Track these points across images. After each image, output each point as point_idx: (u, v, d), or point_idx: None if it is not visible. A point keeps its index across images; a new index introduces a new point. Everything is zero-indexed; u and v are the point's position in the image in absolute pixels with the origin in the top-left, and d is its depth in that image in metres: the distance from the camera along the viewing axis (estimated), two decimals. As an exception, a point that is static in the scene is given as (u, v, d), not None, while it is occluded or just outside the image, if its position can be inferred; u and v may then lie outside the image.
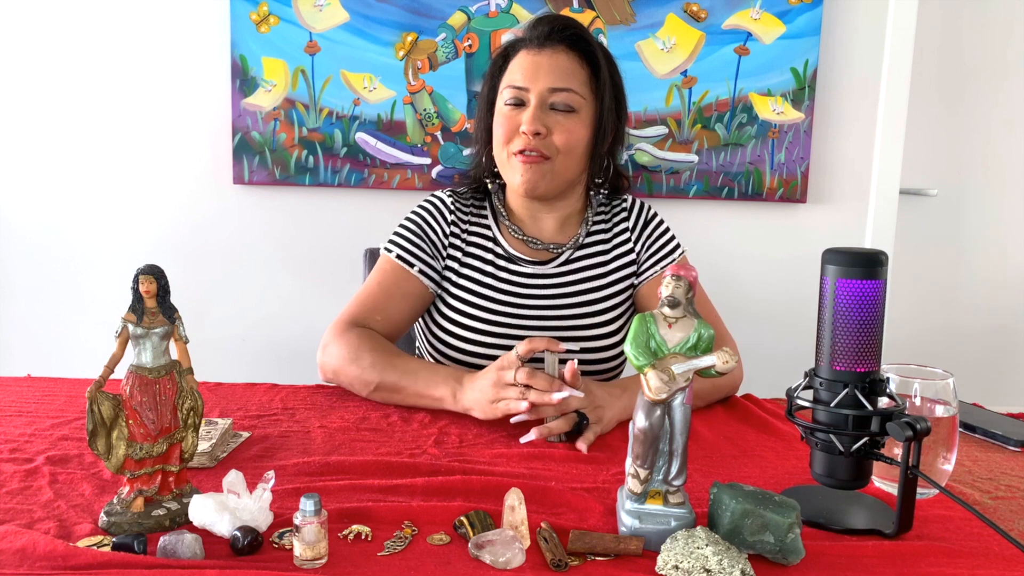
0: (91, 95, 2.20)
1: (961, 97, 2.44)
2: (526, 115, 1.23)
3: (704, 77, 2.23)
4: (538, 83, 1.24)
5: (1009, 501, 0.91)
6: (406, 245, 1.32)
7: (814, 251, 0.98)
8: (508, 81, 1.27)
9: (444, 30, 2.18)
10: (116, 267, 2.25)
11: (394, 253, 1.32)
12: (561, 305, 1.31)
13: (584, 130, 1.27)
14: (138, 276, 0.78)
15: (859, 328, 0.79)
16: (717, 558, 0.69)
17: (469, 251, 1.34)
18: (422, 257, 1.32)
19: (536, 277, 1.32)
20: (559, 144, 1.24)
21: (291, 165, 2.20)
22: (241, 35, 2.15)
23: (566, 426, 1.04)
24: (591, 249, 1.36)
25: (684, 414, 0.77)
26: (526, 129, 1.23)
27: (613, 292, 1.34)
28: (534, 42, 1.26)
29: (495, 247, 1.34)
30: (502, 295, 1.31)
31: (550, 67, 1.24)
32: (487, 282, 1.32)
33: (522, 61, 1.26)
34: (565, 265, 1.34)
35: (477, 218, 1.37)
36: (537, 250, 1.34)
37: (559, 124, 1.24)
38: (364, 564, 0.72)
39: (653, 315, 0.78)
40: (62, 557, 0.69)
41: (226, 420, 1.02)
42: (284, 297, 2.28)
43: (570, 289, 1.33)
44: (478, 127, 1.35)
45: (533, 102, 1.24)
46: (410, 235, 1.33)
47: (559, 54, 1.25)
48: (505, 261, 1.33)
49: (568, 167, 1.27)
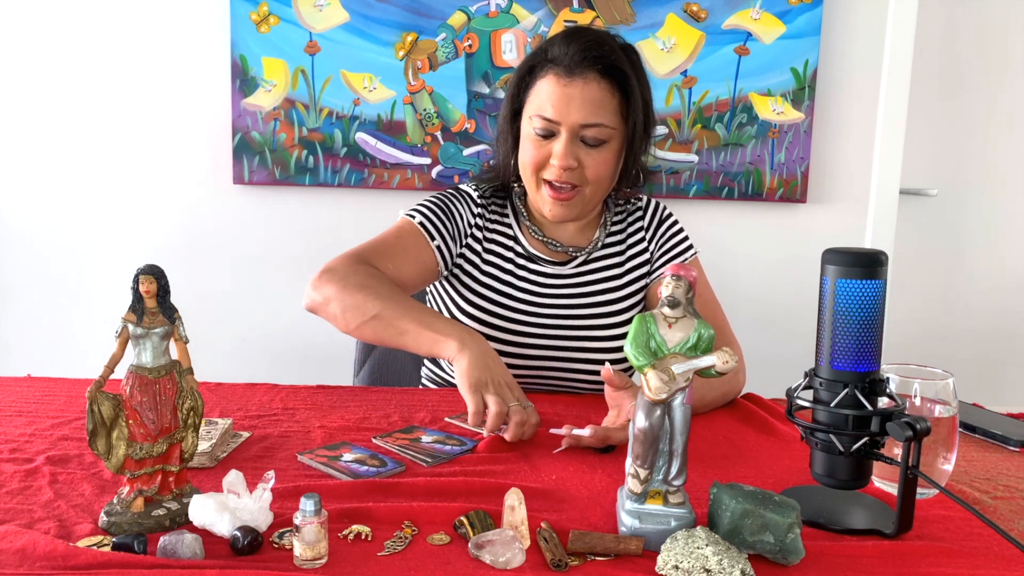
0: (91, 95, 2.20)
1: (961, 97, 2.44)
2: (557, 147, 1.23)
3: (704, 77, 2.23)
4: (569, 117, 1.22)
5: (1009, 501, 0.91)
6: (431, 217, 1.33)
7: (814, 251, 0.98)
8: (537, 108, 1.24)
9: (444, 30, 2.18)
10: (116, 267, 2.25)
11: (417, 219, 1.32)
12: (578, 305, 1.33)
13: (614, 159, 1.27)
14: (138, 276, 0.78)
15: (859, 328, 0.79)
16: (717, 558, 0.69)
17: (489, 247, 1.35)
18: (444, 235, 1.32)
19: (554, 277, 1.34)
20: (590, 176, 1.25)
21: (291, 165, 2.20)
22: (241, 35, 2.15)
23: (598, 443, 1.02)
24: (608, 250, 1.38)
25: (684, 414, 0.77)
26: (557, 164, 1.23)
27: (629, 292, 1.36)
28: (563, 67, 1.22)
29: (515, 246, 1.36)
30: (521, 293, 1.33)
31: (581, 100, 1.21)
32: (507, 279, 1.33)
33: (552, 90, 1.23)
34: (583, 266, 1.36)
35: (499, 215, 1.38)
36: (556, 251, 1.36)
37: (590, 157, 1.24)
38: (364, 564, 0.72)
39: (653, 315, 0.78)
40: (62, 557, 0.69)
41: (226, 420, 1.02)
42: (284, 297, 2.28)
43: (587, 289, 1.34)
44: (503, 135, 1.34)
45: (564, 136, 1.23)
46: (437, 211, 1.34)
47: (590, 84, 1.22)
48: (525, 260, 1.35)
49: (597, 194, 1.29)
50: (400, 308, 1.17)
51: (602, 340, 1.33)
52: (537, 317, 1.32)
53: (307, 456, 0.96)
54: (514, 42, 2.19)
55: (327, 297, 1.20)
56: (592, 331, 1.32)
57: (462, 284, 1.34)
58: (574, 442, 1.01)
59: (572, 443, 1.01)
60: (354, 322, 1.19)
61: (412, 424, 1.11)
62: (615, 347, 1.33)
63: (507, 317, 1.31)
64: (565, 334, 1.32)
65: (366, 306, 1.17)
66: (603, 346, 1.33)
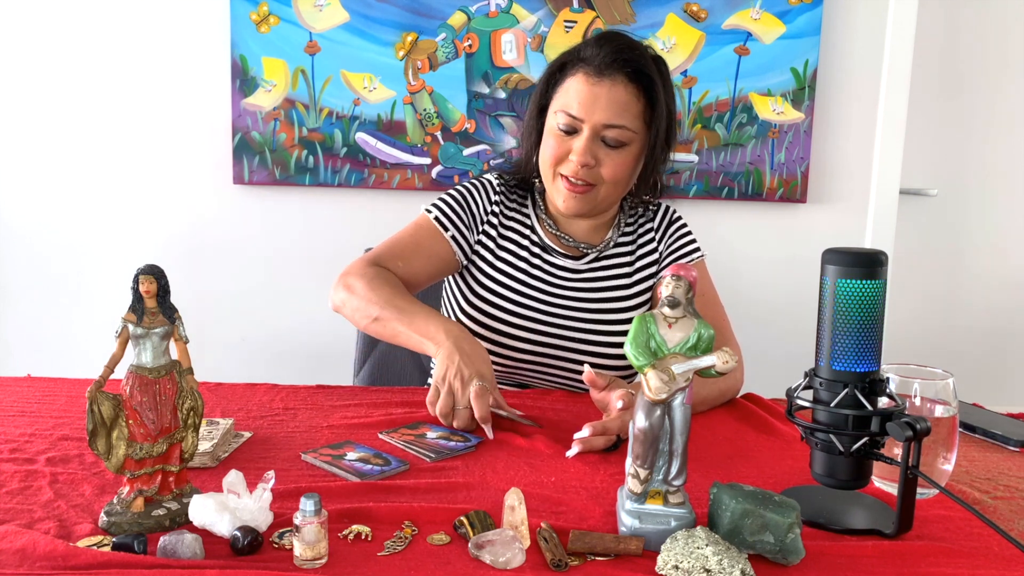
0: (91, 95, 2.20)
1: (961, 97, 2.44)
2: (577, 144, 1.25)
3: (704, 77, 2.23)
4: (593, 116, 1.24)
5: (1009, 501, 0.91)
6: (446, 210, 1.37)
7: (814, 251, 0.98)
8: (563, 104, 1.26)
9: (444, 30, 2.18)
10: (116, 267, 2.25)
11: (433, 215, 1.37)
12: (588, 299, 1.35)
13: (632, 162, 1.29)
14: (138, 276, 0.78)
15: (859, 328, 0.79)
16: (717, 558, 0.69)
17: (506, 234, 1.38)
18: (458, 225, 1.36)
19: (567, 271, 1.36)
20: (606, 176, 1.27)
21: (291, 165, 2.20)
22: (241, 35, 2.15)
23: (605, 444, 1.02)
24: (619, 249, 1.40)
25: (684, 414, 0.77)
26: (576, 159, 1.25)
27: (637, 292, 1.38)
28: (593, 67, 1.24)
29: (532, 235, 1.38)
30: (535, 280, 1.35)
31: (607, 101, 1.23)
32: (521, 266, 1.36)
33: (580, 88, 1.25)
34: (595, 262, 1.38)
35: (519, 205, 1.41)
36: (569, 246, 1.38)
37: (608, 157, 1.26)
38: (364, 564, 0.72)
39: (653, 315, 0.78)
40: (62, 557, 0.69)
41: (228, 420, 1.02)
42: (284, 297, 2.28)
43: (597, 285, 1.36)
44: (527, 130, 1.37)
45: (586, 133, 1.25)
46: (453, 203, 1.38)
47: (618, 86, 1.24)
48: (540, 250, 1.37)
49: (612, 195, 1.31)
50: (395, 310, 1.21)
51: (608, 335, 1.34)
52: (547, 305, 1.34)
53: (311, 455, 0.96)
54: (514, 42, 2.19)
55: (343, 300, 1.27)
56: (599, 326, 1.34)
57: (478, 270, 1.37)
58: (586, 447, 1.00)
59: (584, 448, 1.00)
60: (362, 323, 1.26)
61: (418, 420, 1.11)
62: (619, 343, 1.34)
63: (518, 303, 1.33)
64: (572, 326, 1.34)
65: (368, 309, 1.23)
66: (608, 340, 1.34)
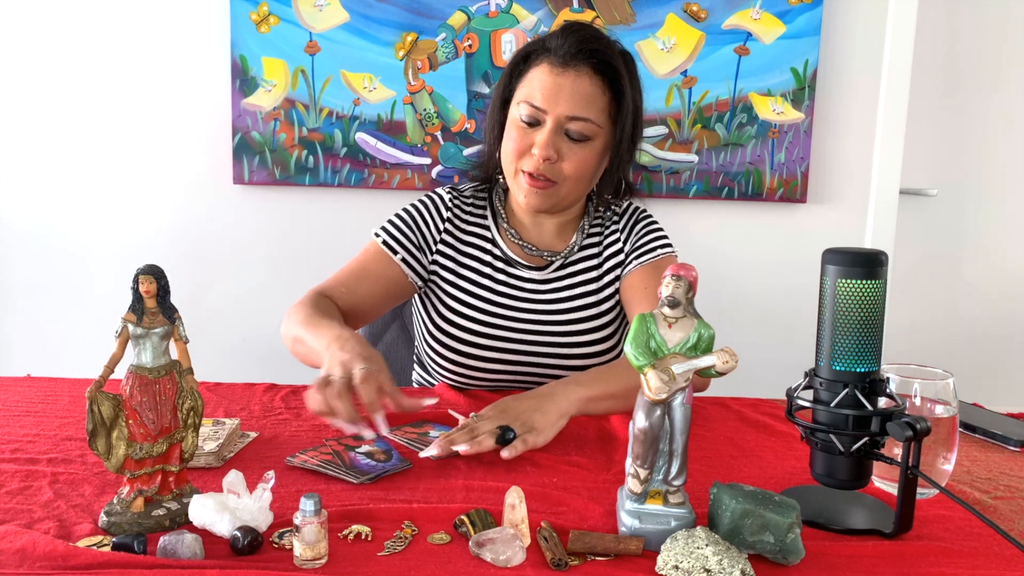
0: (91, 95, 2.20)
1: (961, 97, 2.44)
2: (540, 137, 1.22)
3: (704, 77, 2.23)
4: (557, 108, 1.20)
5: (1009, 501, 0.91)
6: (394, 232, 1.34)
7: (814, 251, 0.98)
8: (526, 95, 1.23)
9: (444, 30, 2.18)
10: (116, 267, 2.25)
11: (380, 239, 1.34)
12: (555, 311, 1.32)
13: (595, 157, 1.26)
14: (138, 276, 0.78)
15: (859, 328, 0.79)
16: (717, 558, 0.69)
17: (466, 251, 1.34)
18: (407, 247, 1.33)
19: (533, 282, 1.33)
20: (568, 172, 1.23)
21: (291, 165, 2.20)
22: (241, 35, 2.15)
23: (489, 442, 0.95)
24: (585, 253, 1.36)
25: (684, 414, 0.77)
26: (538, 153, 1.22)
27: (605, 297, 1.34)
28: (558, 58, 1.21)
29: (493, 248, 1.34)
30: (499, 296, 1.32)
31: (571, 92, 1.20)
32: (484, 283, 1.32)
33: (544, 78, 1.22)
34: (560, 270, 1.34)
35: (476, 218, 1.37)
36: (532, 256, 1.34)
37: (571, 151, 1.23)
38: (364, 564, 0.72)
39: (653, 315, 0.78)
40: (62, 557, 0.69)
41: (233, 420, 1.02)
42: (284, 297, 2.26)
43: (565, 295, 1.33)
44: (490, 123, 1.33)
45: (549, 126, 1.21)
46: (401, 224, 1.35)
47: (583, 77, 1.21)
48: (502, 263, 1.34)
49: (574, 191, 1.28)
50: (309, 327, 1.15)
51: (580, 346, 1.31)
52: (514, 321, 1.30)
53: (297, 459, 0.96)
54: (514, 42, 2.19)
55: (282, 331, 1.25)
56: (570, 337, 1.31)
57: (440, 290, 1.34)
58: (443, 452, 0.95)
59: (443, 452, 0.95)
60: (291, 347, 1.22)
61: (424, 419, 1.11)
62: (593, 352, 1.31)
63: (484, 322, 1.30)
64: (543, 339, 1.31)
65: (292, 331, 1.20)
66: (581, 351, 1.31)
